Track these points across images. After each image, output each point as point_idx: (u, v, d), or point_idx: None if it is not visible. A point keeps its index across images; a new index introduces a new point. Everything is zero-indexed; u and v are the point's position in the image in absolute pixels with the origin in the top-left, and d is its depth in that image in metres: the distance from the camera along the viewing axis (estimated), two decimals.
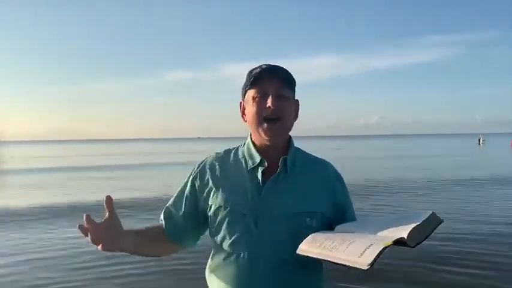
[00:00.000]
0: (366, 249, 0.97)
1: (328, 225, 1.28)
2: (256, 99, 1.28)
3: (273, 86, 1.27)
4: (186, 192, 1.39)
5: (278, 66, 1.31)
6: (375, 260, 0.93)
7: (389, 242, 0.97)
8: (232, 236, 1.26)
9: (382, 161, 24.42)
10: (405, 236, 0.98)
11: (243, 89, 1.35)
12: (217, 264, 1.32)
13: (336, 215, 1.32)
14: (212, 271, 1.34)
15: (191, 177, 1.40)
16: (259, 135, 1.30)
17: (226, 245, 1.28)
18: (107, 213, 1.19)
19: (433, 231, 1.04)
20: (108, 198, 1.19)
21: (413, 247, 0.99)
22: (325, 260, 1.03)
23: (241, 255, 1.25)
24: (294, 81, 1.33)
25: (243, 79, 1.37)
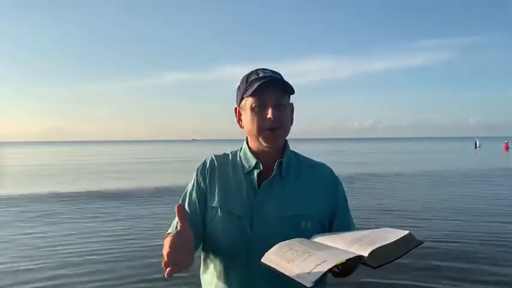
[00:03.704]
0: (317, 265, 0.92)
1: (325, 227, 1.29)
2: (255, 109, 1.26)
3: (272, 97, 1.25)
4: (195, 194, 1.34)
5: (275, 76, 1.28)
6: (320, 278, 0.89)
7: (343, 260, 0.92)
8: (228, 239, 1.26)
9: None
10: (365, 254, 0.92)
11: (238, 94, 1.33)
12: (212, 266, 1.31)
13: (333, 217, 1.32)
14: (207, 273, 1.33)
15: (196, 180, 1.36)
16: (259, 142, 1.29)
17: (221, 247, 1.27)
18: (181, 224, 1.02)
19: (406, 253, 0.96)
20: (180, 206, 1.03)
21: (375, 268, 0.92)
22: (280, 272, 0.99)
23: (237, 257, 1.25)
24: (292, 90, 1.28)
25: (238, 81, 1.35)
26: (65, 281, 4.59)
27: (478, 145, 49.77)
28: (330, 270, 0.91)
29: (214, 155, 1.40)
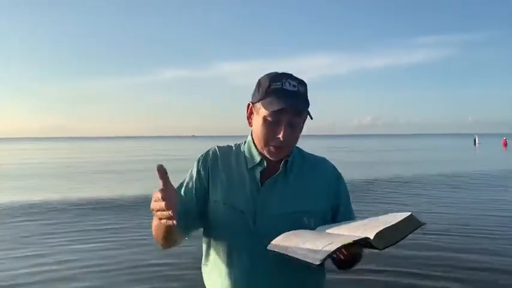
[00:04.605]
0: (325, 246, 0.95)
1: (327, 223, 1.28)
2: (268, 121, 1.23)
3: (287, 115, 1.22)
4: (194, 182, 1.33)
5: (299, 91, 1.24)
6: (327, 256, 0.92)
7: (350, 241, 0.94)
8: (231, 233, 1.27)
9: None
10: (371, 236, 0.94)
11: (255, 92, 1.28)
12: (213, 259, 1.32)
13: (335, 213, 1.34)
14: (209, 268, 1.34)
15: (196, 169, 1.35)
16: (262, 151, 1.29)
17: (224, 241, 1.28)
18: (163, 181, 1.02)
19: (409, 233, 0.98)
20: (160, 167, 1.02)
21: (381, 249, 0.95)
22: (287, 255, 1.02)
23: (240, 252, 1.26)
24: (308, 106, 1.26)
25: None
26: None
27: (477, 142, 49.75)
28: (336, 250, 0.93)
29: (217, 146, 1.40)
